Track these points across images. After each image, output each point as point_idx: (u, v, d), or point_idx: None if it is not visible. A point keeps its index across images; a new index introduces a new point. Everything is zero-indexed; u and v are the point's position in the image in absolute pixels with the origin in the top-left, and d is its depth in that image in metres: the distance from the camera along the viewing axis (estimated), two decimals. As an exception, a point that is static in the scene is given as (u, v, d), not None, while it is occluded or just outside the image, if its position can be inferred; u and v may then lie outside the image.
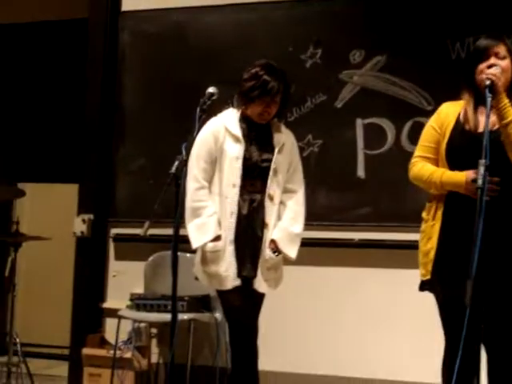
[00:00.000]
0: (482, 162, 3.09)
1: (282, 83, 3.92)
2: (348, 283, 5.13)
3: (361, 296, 5.10)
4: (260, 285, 3.93)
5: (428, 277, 3.43)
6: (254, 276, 3.92)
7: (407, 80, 5.03)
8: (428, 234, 3.45)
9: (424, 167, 3.48)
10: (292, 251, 4.00)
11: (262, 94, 3.89)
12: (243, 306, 3.91)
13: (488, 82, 3.24)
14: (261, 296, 3.99)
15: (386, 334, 5.02)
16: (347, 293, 5.13)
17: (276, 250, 3.95)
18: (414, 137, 4.89)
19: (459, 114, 3.47)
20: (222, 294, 3.95)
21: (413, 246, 4.77)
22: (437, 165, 3.46)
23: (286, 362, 5.16)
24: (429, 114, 4.87)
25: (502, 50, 3.39)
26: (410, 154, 4.86)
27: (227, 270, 3.88)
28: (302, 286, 5.11)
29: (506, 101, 3.25)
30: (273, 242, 3.95)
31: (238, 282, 3.89)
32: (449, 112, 3.52)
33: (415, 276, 4.85)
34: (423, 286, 3.48)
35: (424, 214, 3.51)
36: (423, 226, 3.50)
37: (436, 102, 4.90)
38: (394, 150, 5.05)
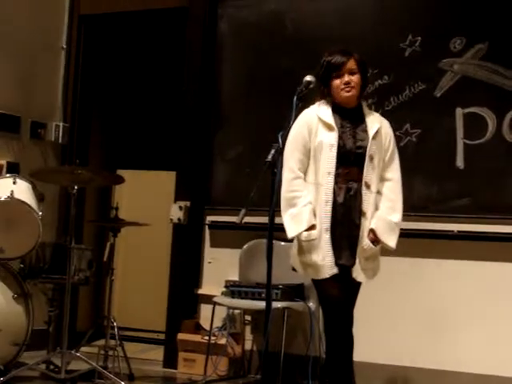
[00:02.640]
0: None
1: (346, 56, 3.92)
2: (445, 275, 5.05)
3: (459, 289, 5.01)
4: (358, 274, 3.91)
5: None
6: (353, 264, 3.90)
7: (509, 68, 4.90)
8: None
9: None
10: (391, 240, 3.96)
11: (329, 71, 3.91)
12: (340, 294, 3.89)
13: None
14: (357, 285, 3.97)
15: (484, 328, 4.92)
16: (444, 285, 5.04)
17: (375, 239, 3.92)
18: (517, 127, 4.82)
19: None
20: (318, 282, 3.94)
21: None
22: None
23: (377, 352, 5.11)
24: (532, 103, 4.79)
25: None
26: (511, 144, 4.81)
27: (324, 259, 3.87)
28: (398, 277, 5.05)
29: None
30: (371, 231, 3.92)
31: (335, 271, 3.87)
32: None
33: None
34: None
35: None
36: None
37: (539, 92, 4.78)
38: (494, 140, 4.93)
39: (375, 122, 4.00)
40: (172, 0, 6.02)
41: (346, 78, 3.91)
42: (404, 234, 4.03)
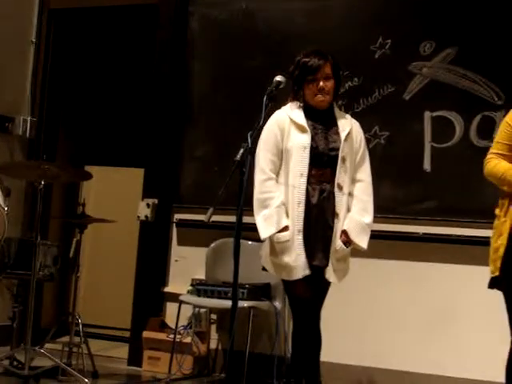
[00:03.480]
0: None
1: (322, 59, 3.92)
2: (411, 277, 5.08)
3: (424, 290, 5.05)
4: (330, 275, 3.93)
5: (497, 273, 3.39)
6: (326, 265, 3.91)
7: (478, 73, 4.94)
8: (499, 231, 3.41)
9: (498, 165, 3.45)
10: (363, 242, 3.99)
11: (304, 74, 3.91)
12: (311, 295, 3.92)
13: None
14: (327, 286, 4.00)
15: (446, 331, 4.96)
16: (410, 287, 5.08)
17: (347, 240, 3.94)
18: (483, 131, 4.88)
19: None
20: (289, 284, 3.95)
21: (478, 241, 4.78)
22: None
23: (344, 353, 5.13)
24: (499, 108, 4.85)
25: None
26: (478, 149, 4.86)
27: (296, 260, 3.88)
28: (365, 278, 5.08)
29: None
30: (344, 232, 3.95)
31: (307, 272, 3.89)
32: None
33: (479, 272, 4.81)
34: (492, 283, 3.43)
35: (497, 211, 3.47)
36: (495, 222, 3.47)
37: (507, 97, 4.84)
38: (462, 144, 4.97)
39: (347, 124, 4.02)
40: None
41: (321, 83, 3.91)
42: (371, 236, 4.06)
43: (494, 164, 3.46)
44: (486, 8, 4.93)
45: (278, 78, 3.79)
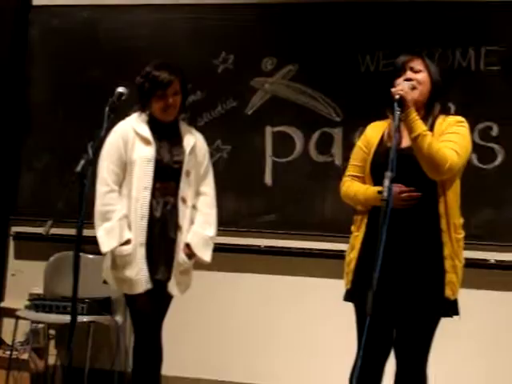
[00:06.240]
0: (388, 174, 3.13)
1: (173, 74, 3.91)
2: (255, 290, 5.15)
3: (267, 302, 5.12)
4: (173, 288, 3.92)
5: (349, 286, 3.48)
6: (168, 279, 3.89)
7: (317, 90, 5.08)
8: (352, 245, 3.51)
9: (350, 186, 3.55)
10: (206, 255, 4.01)
11: (154, 88, 3.89)
12: (152, 310, 3.89)
13: (397, 97, 3.28)
14: (170, 299, 3.98)
15: (291, 343, 5.07)
16: (253, 299, 5.14)
17: (190, 254, 3.94)
18: (322, 147, 5.02)
19: (384, 132, 3.52)
20: (131, 298, 3.91)
21: (317, 254, 4.93)
22: (365, 182, 3.51)
23: (187, 366, 5.13)
24: (337, 125, 5.00)
25: (417, 64, 3.46)
26: (317, 164, 5.01)
27: (138, 274, 3.85)
28: (209, 291, 5.10)
29: (413, 114, 3.29)
30: (187, 246, 3.94)
31: (149, 286, 3.86)
32: (374, 130, 3.59)
33: (319, 284, 4.96)
34: (346, 296, 3.52)
35: (352, 227, 3.56)
36: (350, 237, 3.55)
37: (345, 114, 5.01)
38: (301, 159, 5.09)
39: (191, 138, 4.03)
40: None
41: (171, 99, 3.90)
42: (214, 249, 4.08)
43: (347, 186, 3.58)
44: (324, 27, 5.07)
45: (120, 89, 3.72)
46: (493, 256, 4.79)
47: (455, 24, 4.85)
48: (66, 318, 3.68)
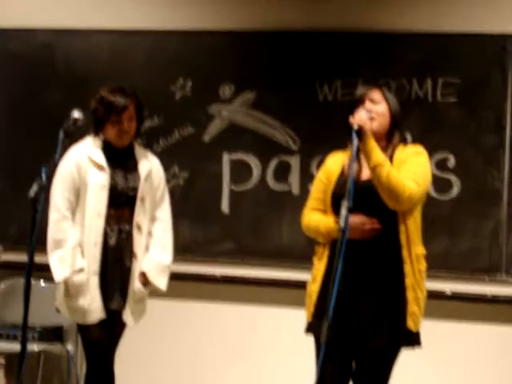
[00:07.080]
0: (345, 203, 3.12)
1: (128, 99, 3.86)
2: (210, 318, 5.10)
3: (222, 332, 5.09)
4: (127, 317, 3.87)
5: (310, 319, 3.45)
6: (123, 307, 3.83)
7: (275, 118, 5.07)
8: (314, 277, 3.49)
9: (311, 219, 3.55)
10: (162, 283, 3.96)
11: (109, 113, 3.83)
12: (105, 339, 3.84)
13: (355, 127, 3.27)
14: (123, 328, 3.92)
15: (250, 371, 5.03)
16: (209, 328, 5.10)
17: (146, 282, 3.88)
18: (279, 175, 5.01)
19: (344, 163, 3.51)
20: (84, 327, 3.84)
21: (273, 283, 4.90)
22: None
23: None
24: (294, 153, 5.00)
25: (376, 95, 3.47)
26: (274, 192, 5.01)
27: (91, 304, 3.78)
28: (163, 319, 5.04)
29: (371, 144, 3.30)
30: (142, 274, 3.88)
31: (102, 315, 3.79)
32: (334, 162, 3.58)
33: (275, 313, 4.93)
34: (307, 328, 3.48)
35: (314, 259, 3.53)
36: (313, 268, 3.52)
37: (302, 142, 5.01)
38: (259, 187, 5.07)
39: (147, 163, 3.98)
40: None
41: (126, 125, 3.85)
42: (170, 277, 4.03)
43: (308, 218, 3.57)
44: (283, 55, 5.07)
45: (76, 114, 3.66)
46: (449, 287, 4.80)
47: (413, 55, 4.89)
48: (16, 347, 3.62)
